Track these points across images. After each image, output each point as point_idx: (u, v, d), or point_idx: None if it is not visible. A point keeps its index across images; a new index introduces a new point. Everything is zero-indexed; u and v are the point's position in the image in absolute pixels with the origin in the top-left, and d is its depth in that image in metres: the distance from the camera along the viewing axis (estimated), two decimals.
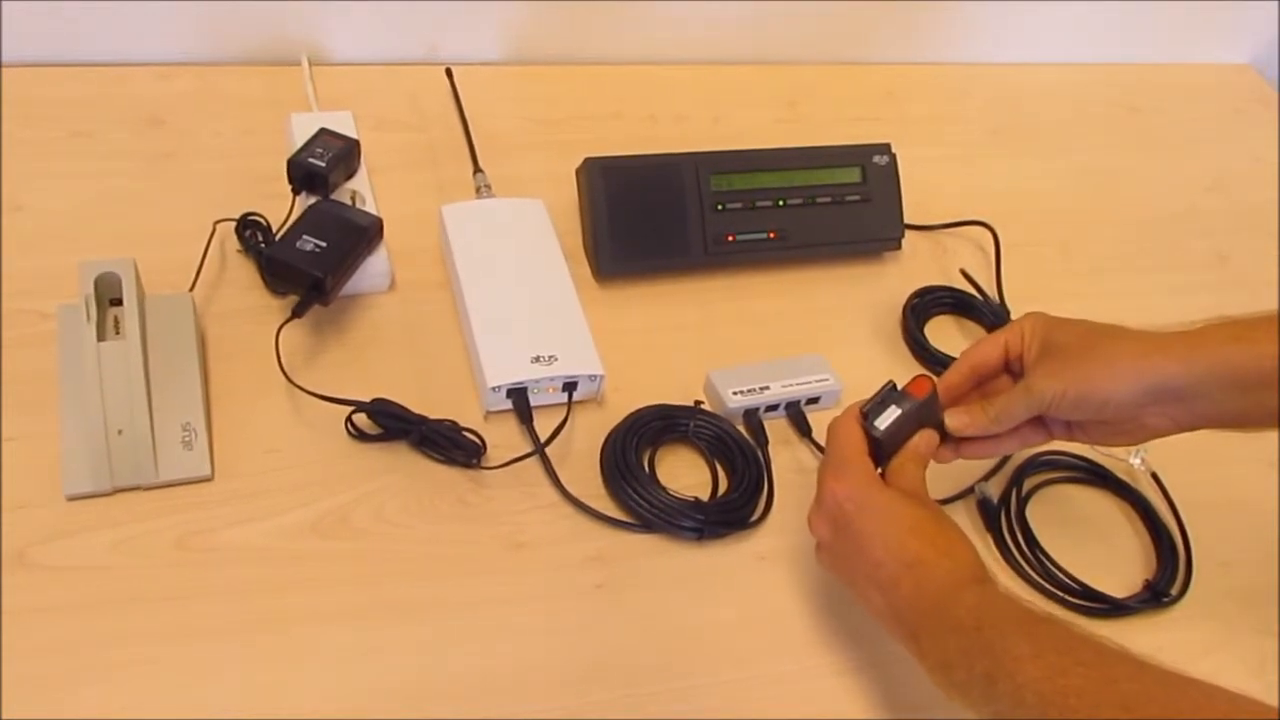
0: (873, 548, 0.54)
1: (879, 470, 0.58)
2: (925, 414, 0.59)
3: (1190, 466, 0.72)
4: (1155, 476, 0.72)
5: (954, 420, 0.59)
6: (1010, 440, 0.61)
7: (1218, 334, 0.55)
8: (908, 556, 0.53)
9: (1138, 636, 0.64)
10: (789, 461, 0.70)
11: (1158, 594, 0.66)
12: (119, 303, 0.62)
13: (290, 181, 0.73)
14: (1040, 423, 0.60)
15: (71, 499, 0.59)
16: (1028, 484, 0.71)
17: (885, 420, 0.57)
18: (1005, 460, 0.72)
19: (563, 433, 0.66)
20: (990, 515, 0.69)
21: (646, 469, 0.67)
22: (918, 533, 0.54)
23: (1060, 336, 0.58)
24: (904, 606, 0.53)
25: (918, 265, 0.87)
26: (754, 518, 0.66)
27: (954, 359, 0.78)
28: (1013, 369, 0.61)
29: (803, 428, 0.72)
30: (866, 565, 0.54)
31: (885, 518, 0.54)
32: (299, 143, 0.74)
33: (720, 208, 0.80)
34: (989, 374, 0.61)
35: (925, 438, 0.58)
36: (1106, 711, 0.44)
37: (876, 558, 0.54)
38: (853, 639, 0.61)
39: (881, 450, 0.58)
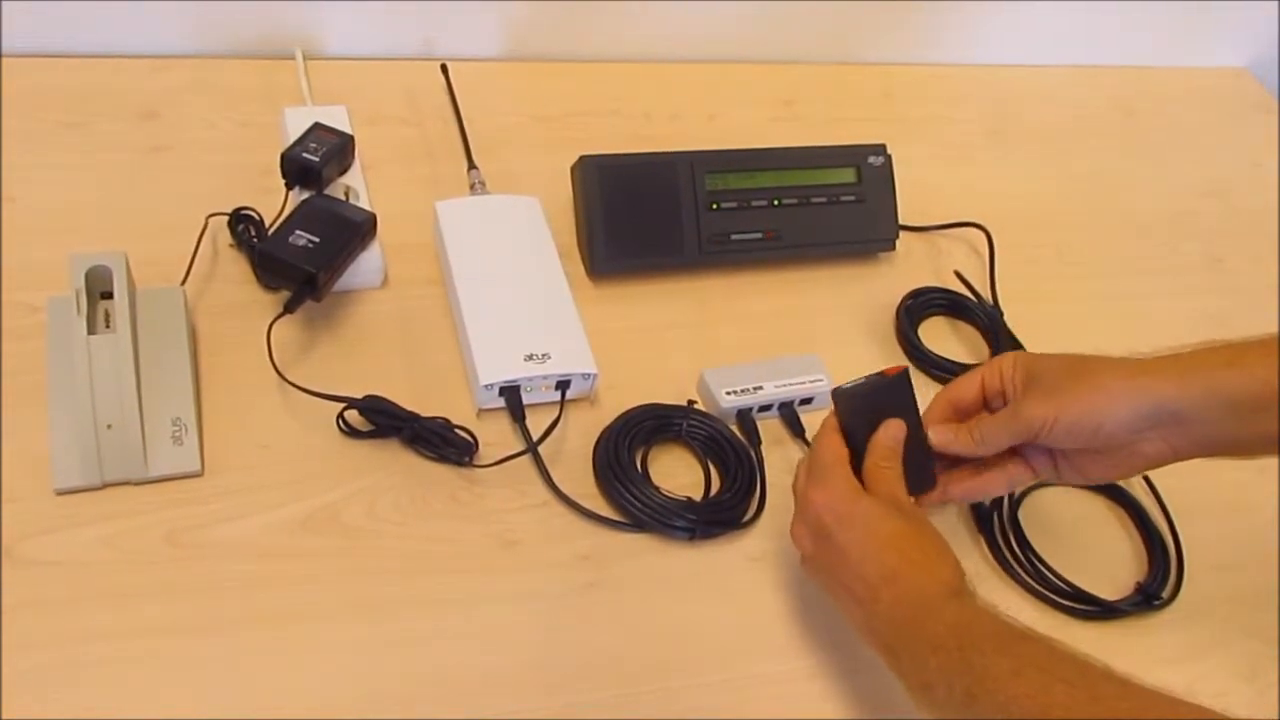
0: (850, 561, 0.54)
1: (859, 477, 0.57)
2: (894, 396, 0.58)
3: (1182, 470, 0.71)
4: (1148, 480, 0.73)
5: (938, 436, 0.59)
6: (996, 480, 0.60)
7: (1209, 358, 0.55)
8: (885, 571, 0.53)
9: (1128, 639, 0.65)
10: (782, 462, 0.70)
11: (1149, 597, 0.66)
12: (110, 296, 0.62)
13: (283, 176, 0.73)
14: (1026, 463, 0.60)
15: (60, 493, 0.59)
16: None
17: (846, 384, 0.57)
18: None
19: (555, 431, 0.66)
20: (983, 517, 0.69)
21: (639, 468, 0.66)
22: (895, 546, 0.53)
23: (1045, 366, 0.58)
24: (881, 622, 0.53)
25: (912, 266, 0.87)
26: (746, 518, 0.66)
27: (947, 360, 0.78)
28: (992, 406, 0.60)
29: (796, 428, 0.72)
30: (846, 578, 0.54)
31: (863, 530, 0.54)
32: (293, 137, 0.74)
33: (715, 207, 0.80)
34: (967, 410, 0.61)
35: (892, 427, 0.58)
36: None
37: (854, 571, 0.54)
38: (843, 641, 0.61)
39: (852, 434, 0.57)
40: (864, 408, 0.58)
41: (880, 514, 0.54)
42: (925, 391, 0.62)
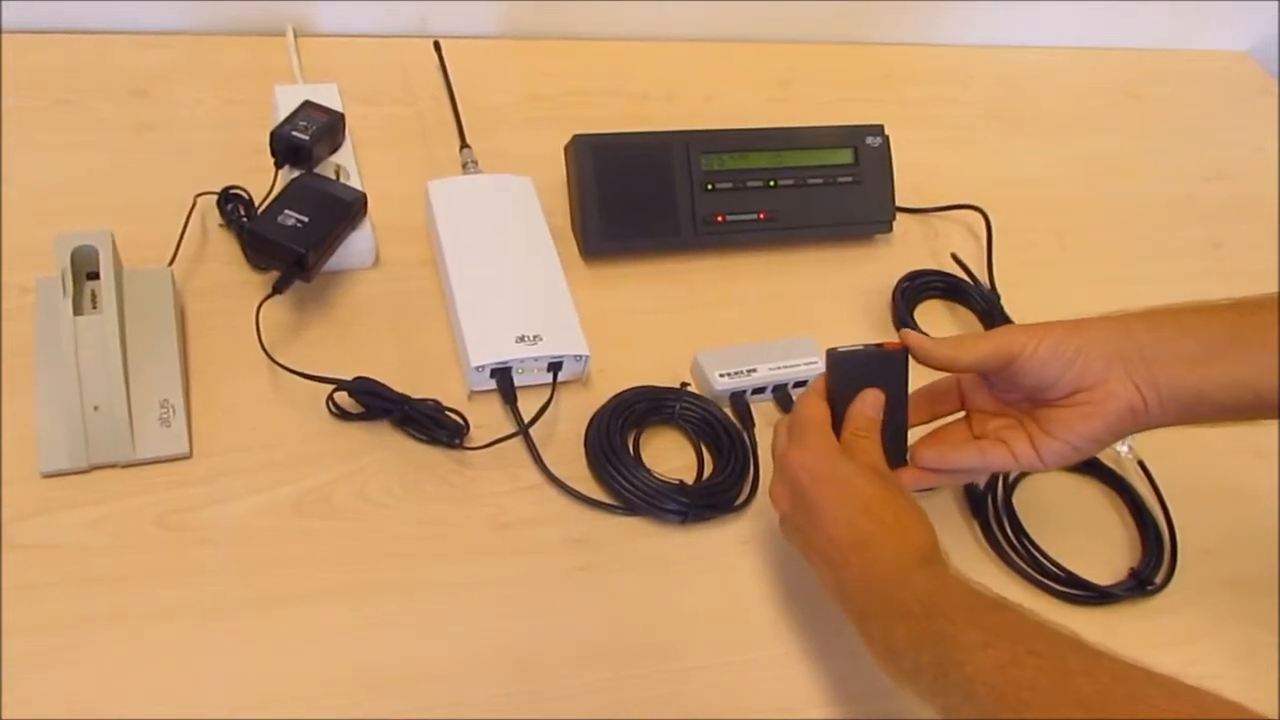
0: (824, 523, 0.53)
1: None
2: (887, 371, 0.58)
3: (1177, 455, 0.72)
4: (1142, 464, 0.72)
5: (914, 340, 0.58)
6: (967, 451, 0.59)
7: (1182, 305, 0.57)
8: (857, 535, 0.52)
9: (1122, 625, 0.65)
10: None
11: (1142, 582, 0.66)
12: (96, 276, 0.61)
13: (273, 155, 0.72)
14: (1004, 445, 0.58)
15: (47, 476, 0.58)
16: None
17: (844, 347, 0.57)
18: None
19: (547, 413, 0.66)
20: (976, 501, 0.68)
21: (631, 451, 0.66)
22: (869, 511, 0.53)
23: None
24: (851, 587, 0.52)
25: (909, 248, 0.86)
26: (739, 501, 0.66)
27: None
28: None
29: (790, 411, 0.71)
30: (819, 540, 0.54)
31: (839, 493, 0.53)
32: (283, 115, 0.73)
33: (710, 188, 0.79)
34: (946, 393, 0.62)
35: (870, 398, 0.57)
36: (1062, 709, 0.43)
37: (828, 533, 0.53)
38: (836, 625, 0.60)
39: (838, 399, 0.57)
40: (855, 375, 0.58)
41: (857, 476, 0.54)
42: (923, 374, 0.61)
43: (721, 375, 0.70)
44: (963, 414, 0.61)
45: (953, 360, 0.58)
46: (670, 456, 0.68)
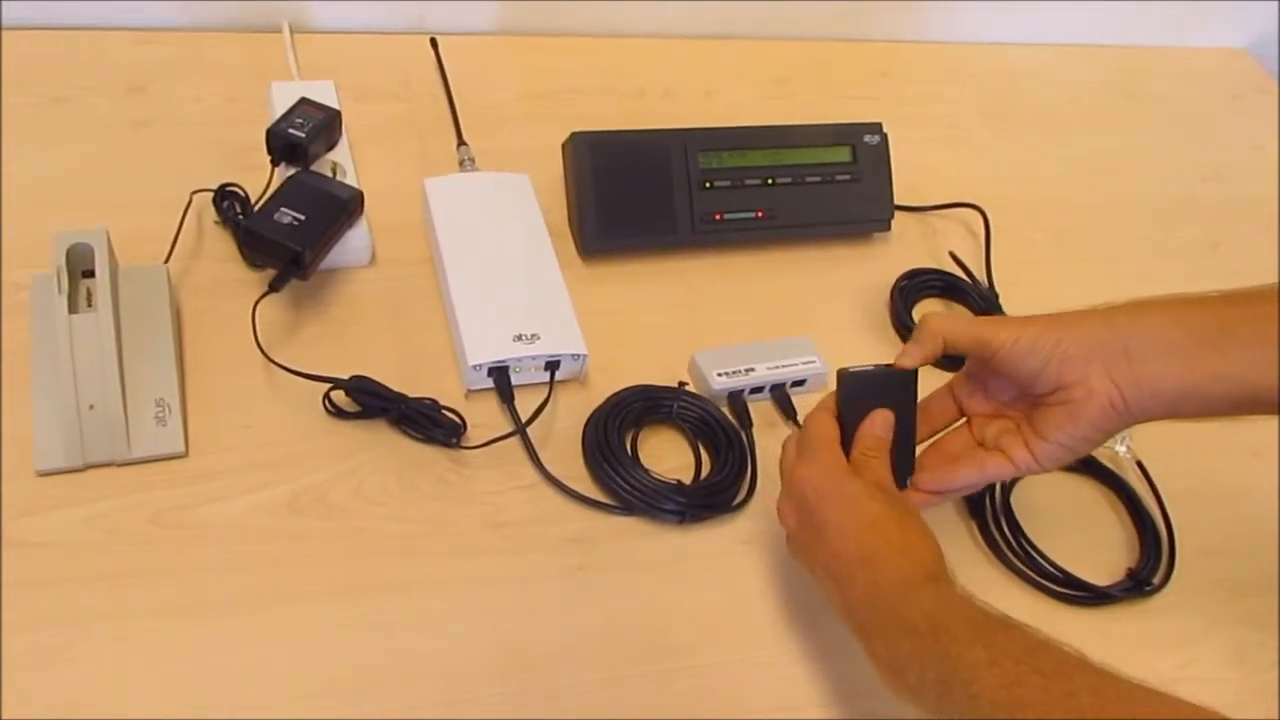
0: (830, 539, 0.53)
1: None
2: (897, 391, 0.58)
3: (1174, 455, 0.72)
4: (1140, 465, 0.72)
5: (908, 359, 0.58)
6: (968, 469, 0.58)
7: (1172, 296, 0.56)
8: (863, 551, 0.52)
9: (1120, 626, 0.65)
10: (773, 445, 0.69)
11: (1140, 582, 0.66)
12: (92, 274, 0.61)
13: (269, 152, 0.72)
14: (1003, 453, 0.57)
15: (42, 474, 0.58)
16: None
17: (855, 367, 0.57)
18: None
19: (544, 413, 0.66)
20: (974, 502, 0.68)
21: (629, 451, 0.66)
22: (876, 528, 0.52)
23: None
24: (857, 603, 0.52)
25: (907, 247, 0.86)
26: (737, 501, 0.66)
27: None
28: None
29: (788, 411, 0.71)
30: (824, 556, 0.54)
31: (846, 509, 0.53)
32: (280, 112, 0.73)
33: (708, 185, 0.79)
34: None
35: (879, 418, 0.57)
36: None
37: (834, 549, 0.53)
38: (832, 625, 0.60)
39: (847, 418, 0.57)
40: (865, 395, 0.58)
41: (864, 494, 0.54)
42: (922, 378, 0.61)
43: (719, 375, 0.70)
44: (963, 421, 0.61)
45: (935, 346, 0.57)
46: (668, 456, 0.68)
